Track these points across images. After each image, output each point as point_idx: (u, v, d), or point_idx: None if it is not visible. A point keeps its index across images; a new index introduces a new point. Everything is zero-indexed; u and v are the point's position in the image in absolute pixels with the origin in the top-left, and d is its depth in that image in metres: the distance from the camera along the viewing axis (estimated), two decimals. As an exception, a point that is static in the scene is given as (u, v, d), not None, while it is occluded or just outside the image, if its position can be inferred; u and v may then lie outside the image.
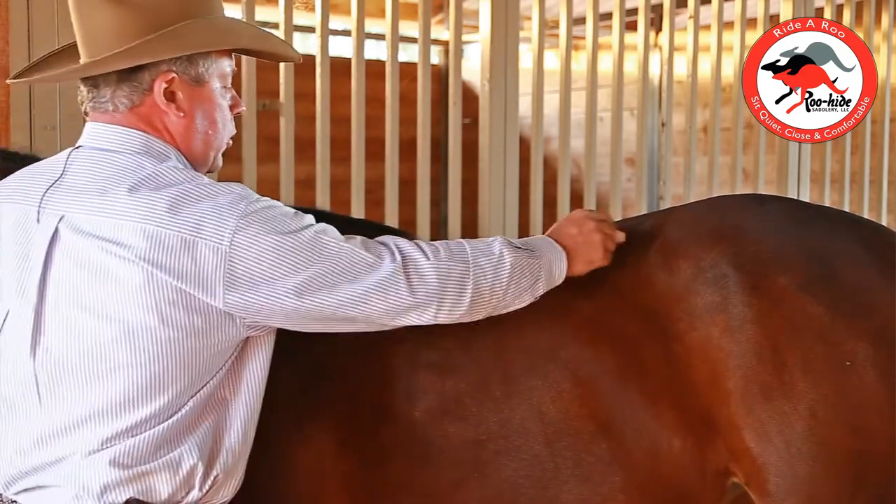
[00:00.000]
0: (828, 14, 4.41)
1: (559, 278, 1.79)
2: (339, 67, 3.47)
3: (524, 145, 3.74)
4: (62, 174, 1.61)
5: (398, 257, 1.63)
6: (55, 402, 1.55)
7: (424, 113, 3.54)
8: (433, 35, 4.22)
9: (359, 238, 1.65)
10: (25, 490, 1.57)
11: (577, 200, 3.82)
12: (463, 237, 3.56)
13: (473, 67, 5.15)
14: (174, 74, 1.63)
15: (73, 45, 1.72)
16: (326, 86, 3.27)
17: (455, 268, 1.66)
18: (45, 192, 1.60)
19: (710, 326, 1.79)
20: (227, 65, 1.72)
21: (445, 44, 5.96)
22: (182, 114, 1.65)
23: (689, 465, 1.80)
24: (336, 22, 3.97)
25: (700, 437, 1.80)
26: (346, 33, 4.23)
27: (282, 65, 3.20)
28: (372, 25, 4.00)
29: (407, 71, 3.73)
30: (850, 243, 1.88)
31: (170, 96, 1.64)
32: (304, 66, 3.49)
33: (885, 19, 4.77)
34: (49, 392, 1.56)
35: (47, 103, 2.53)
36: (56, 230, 1.56)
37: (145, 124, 1.64)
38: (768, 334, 1.77)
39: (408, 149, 3.61)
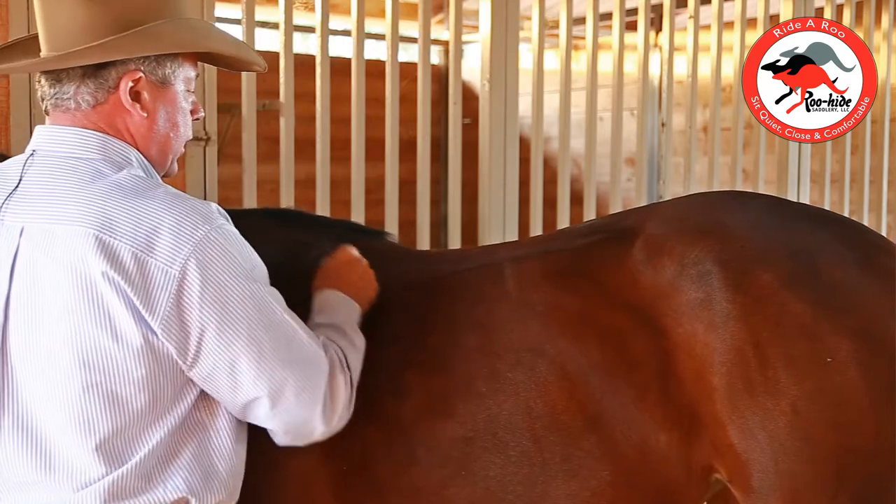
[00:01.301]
0: (828, 14, 4.41)
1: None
2: (339, 67, 3.47)
3: (524, 145, 3.73)
4: (19, 182, 1.57)
5: (328, 366, 1.63)
6: (22, 432, 1.52)
7: (424, 113, 3.54)
8: (433, 35, 4.22)
9: (303, 325, 1.64)
10: None
11: (577, 200, 3.82)
12: (463, 237, 3.59)
13: (473, 67, 5.15)
14: (141, 74, 1.60)
15: (28, 39, 1.69)
16: (326, 86, 3.27)
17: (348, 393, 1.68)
18: (3, 203, 1.56)
19: (695, 323, 1.80)
20: (192, 69, 1.69)
21: (445, 44, 5.96)
22: (145, 114, 1.62)
23: (675, 460, 1.81)
24: (336, 22, 3.97)
25: (686, 433, 1.81)
26: (346, 33, 4.23)
27: (281, 65, 3.20)
28: (372, 25, 4.00)
29: (407, 71, 3.73)
30: (833, 241, 1.90)
31: (135, 96, 1.60)
32: (304, 66, 3.51)
33: (885, 19, 4.77)
34: (14, 421, 1.52)
35: (47, 103, 2.53)
36: (18, 244, 1.52)
37: (106, 124, 1.60)
38: (752, 331, 1.78)
39: (408, 149, 3.61)
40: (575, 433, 1.82)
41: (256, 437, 1.69)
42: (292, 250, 1.94)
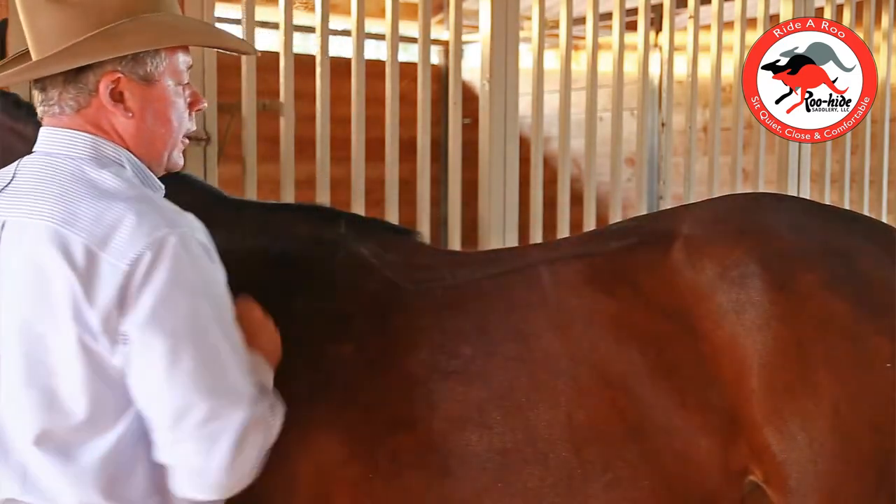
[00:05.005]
0: (828, 14, 4.41)
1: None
2: (339, 67, 3.47)
3: (524, 145, 3.73)
4: (11, 179, 1.59)
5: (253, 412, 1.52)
6: (9, 417, 1.54)
7: (424, 113, 3.54)
8: (433, 35, 4.21)
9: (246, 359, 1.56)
10: None
11: (577, 200, 3.82)
12: (463, 237, 3.59)
13: (473, 67, 5.15)
14: (120, 74, 1.57)
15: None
16: (326, 86, 3.27)
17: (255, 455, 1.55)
18: None
19: (736, 324, 1.78)
20: (181, 61, 1.65)
21: (445, 44, 5.95)
22: (130, 114, 1.60)
23: (714, 466, 1.80)
24: (336, 22, 3.96)
25: (725, 437, 1.79)
26: (346, 33, 4.22)
27: (281, 65, 3.20)
28: (372, 25, 3.99)
29: (407, 71, 3.73)
30: (868, 242, 1.89)
31: (117, 97, 1.58)
32: (304, 66, 3.51)
33: (885, 19, 4.77)
34: (4, 405, 1.54)
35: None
36: (0, 238, 1.54)
37: (94, 126, 1.59)
38: (794, 332, 1.77)
39: (408, 149, 3.61)
40: (616, 443, 1.79)
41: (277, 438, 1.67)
42: (316, 248, 1.93)
